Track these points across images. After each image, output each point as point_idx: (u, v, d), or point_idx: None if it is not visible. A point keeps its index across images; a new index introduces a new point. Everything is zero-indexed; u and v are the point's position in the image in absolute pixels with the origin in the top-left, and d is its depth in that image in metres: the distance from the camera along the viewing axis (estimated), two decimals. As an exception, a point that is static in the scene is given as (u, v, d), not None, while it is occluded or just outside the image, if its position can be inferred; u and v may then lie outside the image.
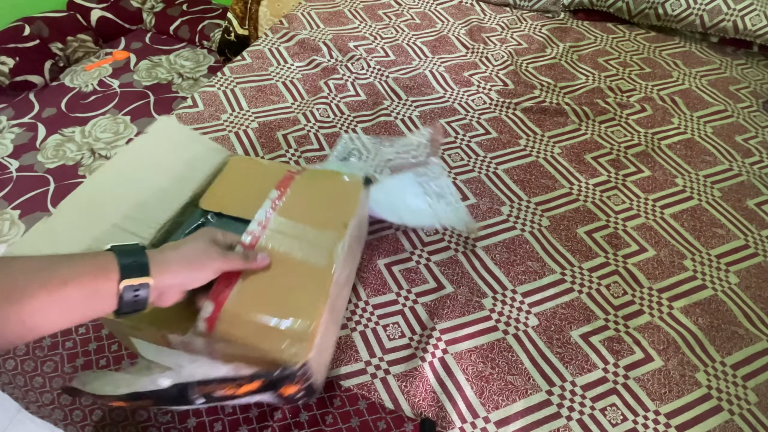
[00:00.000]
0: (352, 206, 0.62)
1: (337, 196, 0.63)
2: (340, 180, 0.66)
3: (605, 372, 0.65)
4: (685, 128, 1.02)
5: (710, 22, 1.21)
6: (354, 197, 0.63)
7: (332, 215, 0.60)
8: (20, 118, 1.58)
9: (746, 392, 0.65)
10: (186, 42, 1.92)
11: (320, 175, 0.68)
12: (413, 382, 0.62)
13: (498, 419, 0.60)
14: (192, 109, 0.99)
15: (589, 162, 0.94)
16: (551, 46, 1.23)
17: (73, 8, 1.86)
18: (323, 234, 0.57)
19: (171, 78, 1.75)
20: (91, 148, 1.50)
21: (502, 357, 0.66)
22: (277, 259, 0.54)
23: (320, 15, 1.29)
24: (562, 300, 0.73)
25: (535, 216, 0.84)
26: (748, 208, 0.88)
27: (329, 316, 0.55)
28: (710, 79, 1.16)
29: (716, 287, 0.76)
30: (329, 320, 0.56)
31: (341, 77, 1.09)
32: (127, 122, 1.58)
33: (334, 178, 0.67)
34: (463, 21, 1.30)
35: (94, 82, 1.71)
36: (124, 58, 1.82)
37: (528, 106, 1.04)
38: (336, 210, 0.61)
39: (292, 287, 0.53)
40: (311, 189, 0.64)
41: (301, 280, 0.53)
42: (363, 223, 0.71)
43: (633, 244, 0.81)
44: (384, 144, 0.88)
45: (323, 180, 0.66)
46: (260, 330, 0.49)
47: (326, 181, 0.66)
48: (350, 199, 0.63)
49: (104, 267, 0.40)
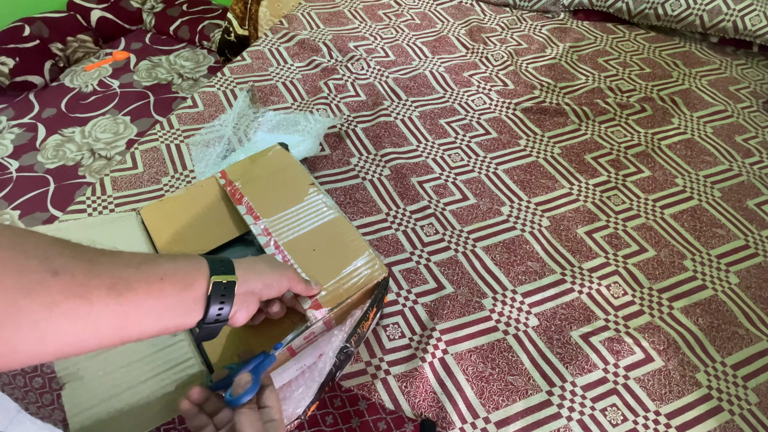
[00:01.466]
0: (297, 169, 0.70)
1: (281, 170, 0.70)
2: (267, 158, 0.71)
3: (605, 372, 0.65)
4: (685, 128, 1.02)
5: (710, 22, 1.21)
6: (290, 161, 0.71)
7: (294, 186, 0.67)
8: (20, 119, 1.59)
9: (746, 392, 0.65)
10: (186, 42, 1.92)
11: (250, 167, 0.71)
12: (413, 382, 0.62)
13: (498, 419, 0.60)
14: (192, 109, 0.99)
15: (589, 162, 0.94)
16: (551, 47, 1.23)
17: (73, 8, 1.86)
18: (304, 204, 0.65)
19: (171, 78, 1.75)
20: (91, 148, 1.50)
21: (502, 357, 0.66)
22: (301, 241, 0.61)
23: (320, 15, 1.29)
24: (562, 300, 0.73)
25: (535, 216, 0.84)
26: (748, 208, 0.88)
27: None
28: (710, 79, 1.16)
29: (716, 287, 0.76)
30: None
31: (341, 77, 1.09)
32: (127, 122, 1.58)
33: (262, 161, 0.71)
34: (463, 21, 1.30)
35: (94, 83, 1.71)
36: (124, 58, 1.82)
37: (528, 106, 1.04)
38: (292, 182, 0.68)
39: (334, 243, 0.61)
40: (260, 183, 0.68)
41: (331, 235, 0.62)
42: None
43: (633, 245, 0.81)
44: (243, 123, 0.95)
45: (258, 169, 0.71)
46: (351, 279, 0.58)
47: (261, 168, 0.70)
48: (289, 164, 0.71)
49: (197, 264, 0.41)
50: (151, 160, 0.89)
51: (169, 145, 0.92)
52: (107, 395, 0.50)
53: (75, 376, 0.52)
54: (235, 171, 0.70)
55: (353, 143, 0.94)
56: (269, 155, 0.72)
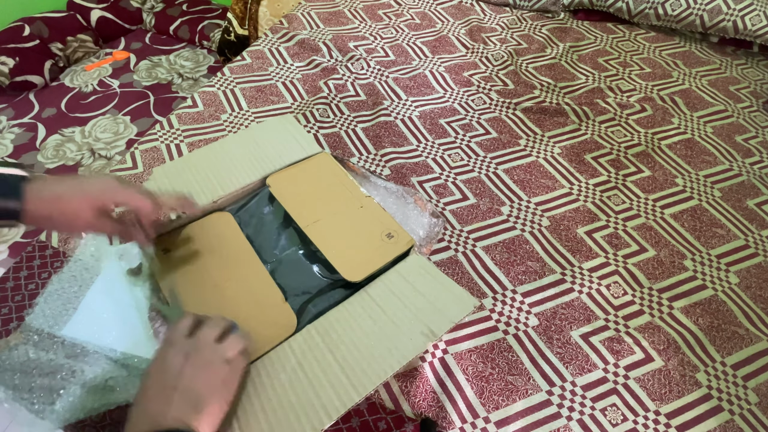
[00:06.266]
0: (340, 173, 0.75)
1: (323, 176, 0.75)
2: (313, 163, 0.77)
3: (605, 372, 0.65)
4: (685, 128, 1.02)
5: (710, 22, 1.21)
6: (331, 165, 0.76)
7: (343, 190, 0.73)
8: (20, 118, 1.58)
9: (746, 392, 0.65)
10: (186, 42, 1.92)
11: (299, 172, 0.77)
12: (413, 382, 0.62)
13: (498, 419, 0.60)
14: (192, 109, 0.99)
15: (589, 162, 0.94)
16: (551, 46, 1.23)
17: (73, 8, 1.86)
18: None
19: (171, 78, 1.75)
20: (91, 148, 1.50)
21: (502, 357, 0.66)
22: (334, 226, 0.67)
23: (320, 15, 1.29)
24: (562, 300, 0.73)
25: (535, 216, 0.84)
26: (749, 208, 0.88)
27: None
28: (710, 79, 1.16)
29: (716, 287, 0.76)
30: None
31: (341, 77, 1.09)
32: (127, 122, 1.58)
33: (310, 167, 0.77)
34: (463, 21, 1.30)
35: (94, 82, 1.71)
36: (124, 58, 1.82)
37: (528, 106, 1.04)
38: (341, 186, 0.74)
39: (369, 224, 0.67)
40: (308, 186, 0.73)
41: (359, 219, 0.67)
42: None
43: (633, 244, 0.81)
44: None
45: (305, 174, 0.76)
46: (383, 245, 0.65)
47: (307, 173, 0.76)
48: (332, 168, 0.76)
49: None
50: (151, 160, 0.89)
51: (169, 145, 0.91)
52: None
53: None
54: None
55: (353, 143, 0.94)
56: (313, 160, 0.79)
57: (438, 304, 0.58)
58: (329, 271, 0.64)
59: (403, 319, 0.57)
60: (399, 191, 0.77)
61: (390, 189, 0.78)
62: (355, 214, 0.68)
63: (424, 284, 0.61)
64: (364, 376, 0.52)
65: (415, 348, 0.54)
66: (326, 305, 0.61)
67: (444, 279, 0.61)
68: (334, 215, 0.68)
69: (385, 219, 0.68)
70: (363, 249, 0.64)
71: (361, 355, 0.54)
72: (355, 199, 0.70)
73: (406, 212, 0.75)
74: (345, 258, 0.63)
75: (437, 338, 0.56)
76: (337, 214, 0.68)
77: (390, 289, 0.60)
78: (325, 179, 0.73)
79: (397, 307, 0.58)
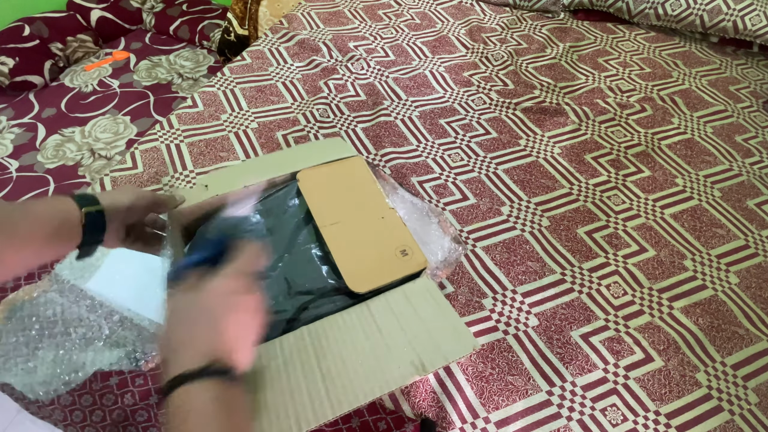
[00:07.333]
0: (369, 180, 0.72)
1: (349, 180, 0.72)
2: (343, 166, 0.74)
3: (605, 372, 0.65)
4: (685, 128, 1.02)
5: (710, 22, 1.21)
6: (362, 170, 0.73)
7: (367, 200, 0.70)
8: (20, 118, 1.58)
9: (746, 392, 0.65)
10: (186, 42, 1.92)
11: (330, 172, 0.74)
12: (413, 382, 0.62)
13: (498, 419, 0.60)
14: (192, 109, 0.99)
15: (589, 162, 0.94)
16: (551, 46, 1.23)
17: (73, 8, 1.86)
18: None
19: (171, 78, 1.75)
20: (91, 148, 1.50)
21: (502, 357, 0.66)
22: (348, 232, 0.65)
23: (320, 15, 1.29)
24: (562, 300, 0.73)
25: (535, 216, 0.84)
26: (748, 208, 0.88)
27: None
28: (710, 79, 1.16)
29: (716, 287, 0.76)
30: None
31: (341, 77, 1.09)
32: (127, 122, 1.58)
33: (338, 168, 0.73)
34: (463, 21, 1.30)
35: (94, 83, 1.71)
36: (123, 58, 1.82)
37: (528, 106, 1.04)
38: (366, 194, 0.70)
39: (383, 235, 0.65)
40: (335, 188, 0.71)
41: (378, 230, 0.65)
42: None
43: (633, 244, 0.81)
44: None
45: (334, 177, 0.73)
46: (395, 261, 0.62)
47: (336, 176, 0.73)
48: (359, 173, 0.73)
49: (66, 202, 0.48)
50: (150, 160, 0.89)
51: (169, 145, 0.91)
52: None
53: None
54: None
55: (353, 143, 0.94)
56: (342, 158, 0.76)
57: (435, 335, 0.56)
58: (337, 275, 0.63)
59: (396, 342, 0.55)
60: (425, 209, 0.75)
61: (416, 205, 0.76)
62: (374, 224, 0.66)
63: (426, 311, 0.58)
64: (342, 393, 0.51)
65: (401, 378, 0.52)
66: (327, 309, 0.60)
67: (449, 310, 0.59)
68: (354, 221, 0.66)
69: (403, 234, 0.65)
70: (374, 261, 0.62)
71: (345, 369, 0.52)
72: (378, 209, 0.67)
73: (428, 231, 0.73)
74: (353, 266, 0.61)
75: (427, 374, 0.53)
76: (356, 221, 0.66)
77: (391, 307, 0.58)
78: (353, 184, 0.71)
79: (394, 329, 0.56)
